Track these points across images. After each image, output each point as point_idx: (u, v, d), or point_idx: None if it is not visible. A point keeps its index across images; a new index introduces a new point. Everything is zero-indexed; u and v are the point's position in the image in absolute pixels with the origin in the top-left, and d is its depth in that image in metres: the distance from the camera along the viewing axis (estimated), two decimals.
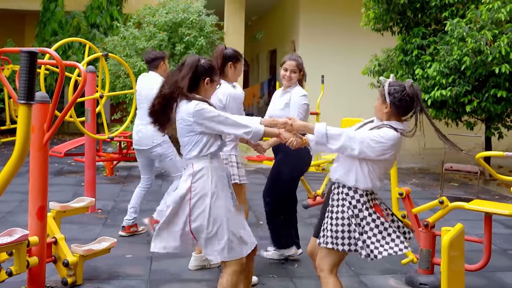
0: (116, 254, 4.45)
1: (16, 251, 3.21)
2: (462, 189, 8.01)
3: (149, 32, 10.38)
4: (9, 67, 10.88)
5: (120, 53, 10.60)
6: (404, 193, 4.04)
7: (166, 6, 10.82)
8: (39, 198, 3.40)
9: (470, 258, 4.17)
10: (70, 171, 8.73)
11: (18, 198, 6.43)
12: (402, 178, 8.72)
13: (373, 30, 9.01)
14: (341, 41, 11.49)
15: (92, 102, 5.92)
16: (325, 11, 11.51)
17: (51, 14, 13.18)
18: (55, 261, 3.78)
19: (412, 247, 4.24)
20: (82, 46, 12.75)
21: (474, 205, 3.84)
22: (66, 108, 3.54)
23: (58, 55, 3.34)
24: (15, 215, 5.79)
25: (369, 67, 9.28)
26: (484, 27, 7.22)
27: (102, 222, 5.65)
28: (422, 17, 8.55)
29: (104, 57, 5.98)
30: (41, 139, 3.36)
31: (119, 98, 10.92)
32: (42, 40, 13.15)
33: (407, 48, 8.42)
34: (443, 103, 8.22)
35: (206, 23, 10.67)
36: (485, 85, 7.79)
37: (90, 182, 6.07)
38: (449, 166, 7.32)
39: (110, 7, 13.41)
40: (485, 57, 7.13)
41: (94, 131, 6.01)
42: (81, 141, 8.71)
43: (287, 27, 12.87)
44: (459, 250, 2.90)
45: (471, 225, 5.46)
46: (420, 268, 3.95)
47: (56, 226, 3.83)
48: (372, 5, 8.66)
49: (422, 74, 7.95)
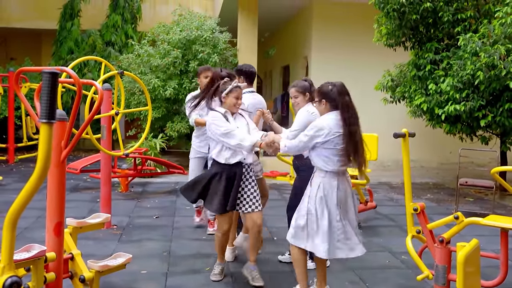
0: (131, 270, 4.48)
1: (34, 267, 3.24)
2: (477, 204, 7.93)
3: (163, 50, 10.52)
4: (26, 85, 11.07)
5: (135, 70, 10.74)
6: (419, 208, 4.03)
7: (180, 24, 10.97)
8: (57, 214, 3.44)
9: (487, 274, 4.12)
10: (85, 187, 8.81)
11: (35, 214, 6.51)
12: (417, 193, 8.66)
13: (386, 45, 9.03)
14: (354, 57, 11.53)
15: (107, 119, 6.00)
16: (337, 27, 11.57)
17: (67, 33, 13.42)
18: (72, 276, 3.81)
19: (427, 262, 4.21)
20: (97, 64, 12.94)
21: (490, 221, 3.81)
22: (83, 125, 3.60)
23: (75, 73, 3.41)
24: (32, 231, 5.85)
25: (382, 82, 9.28)
26: (497, 41, 7.21)
27: (117, 238, 5.69)
28: (435, 32, 8.56)
29: (119, 75, 6.07)
30: (59, 156, 3.41)
31: (134, 115, 11.05)
32: (58, 58, 13.37)
33: (420, 63, 8.42)
34: (457, 117, 8.18)
35: (219, 40, 10.79)
36: (499, 100, 7.75)
37: (106, 198, 6.13)
38: (464, 181, 7.27)
39: (125, 26, 13.62)
40: (499, 71, 7.10)
41: (110, 148, 6.08)
42: (96, 157, 8.80)
43: (300, 43, 12.95)
44: (475, 266, 2.89)
45: (487, 241, 5.40)
46: (435, 284, 3.91)
47: (73, 242, 3.87)
48: (384, 21, 8.70)
49: (435, 89, 7.94)
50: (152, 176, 9.78)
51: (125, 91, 10.36)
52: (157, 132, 11.24)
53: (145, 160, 9.08)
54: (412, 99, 8.48)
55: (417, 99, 8.23)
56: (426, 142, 11.05)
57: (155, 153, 9.98)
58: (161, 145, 10.33)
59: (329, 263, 4.68)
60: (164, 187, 9.00)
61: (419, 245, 4.34)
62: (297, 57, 13.12)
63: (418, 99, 8.22)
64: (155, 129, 11.29)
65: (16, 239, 4.73)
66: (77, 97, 3.32)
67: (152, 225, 6.29)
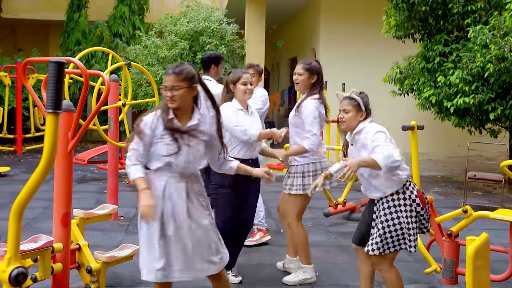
0: (138, 261, 4.47)
1: (41, 257, 3.25)
2: (486, 198, 7.88)
3: (170, 41, 10.49)
4: (34, 76, 11.10)
5: (142, 61, 10.73)
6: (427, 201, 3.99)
7: (187, 15, 10.93)
8: (64, 205, 3.44)
9: (496, 269, 4.10)
10: (93, 179, 8.83)
11: (42, 205, 6.53)
12: (425, 187, 8.62)
13: (394, 37, 8.96)
14: (362, 49, 11.45)
15: (115, 110, 5.99)
16: (345, 19, 11.49)
17: (75, 24, 13.42)
18: (79, 267, 3.82)
19: (435, 256, 4.19)
20: (105, 55, 12.94)
21: (499, 214, 3.78)
22: (90, 116, 3.59)
23: (82, 64, 3.40)
24: (39, 221, 5.87)
25: (390, 74, 9.22)
26: (508, 33, 7.13)
27: (124, 229, 5.70)
28: (444, 24, 8.48)
29: (127, 66, 6.06)
30: (66, 147, 3.41)
31: (141, 106, 11.04)
32: (66, 50, 13.38)
33: (429, 56, 8.35)
34: (466, 110, 8.12)
35: (227, 32, 10.75)
36: (509, 93, 7.68)
37: (113, 189, 6.14)
38: (472, 175, 7.22)
39: (133, 17, 13.59)
40: (509, 64, 7.03)
41: (117, 139, 6.08)
42: (104, 148, 8.82)
43: (308, 35, 12.88)
44: (484, 260, 2.86)
45: (495, 235, 5.37)
46: (443, 278, 3.89)
47: (80, 233, 3.88)
48: (393, 13, 8.62)
49: (444, 82, 7.87)
50: None
51: (132, 82, 10.34)
52: None
53: None
54: (421, 92, 8.42)
55: (426, 92, 8.17)
56: (434, 135, 10.97)
57: None
58: None
59: None
60: None
61: (427, 239, 4.31)
62: (305, 49, 13.05)
63: (426, 92, 8.15)
64: None
65: (24, 229, 4.75)
66: (84, 88, 3.31)
67: None
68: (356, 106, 3.30)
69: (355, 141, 3.34)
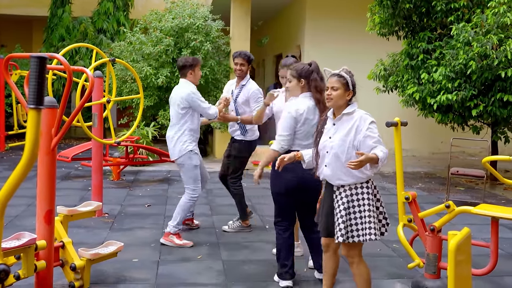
0: (123, 258, 4.47)
1: (24, 255, 3.23)
2: (468, 194, 7.98)
3: (155, 37, 10.44)
4: (17, 72, 10.97)
5: (127, 58, 10.66)
6: (411, 197, 4.04)
7: (172, 11, 10.87)
8: (47, 202, 3.42)
9: (477, 263, 4.16)
10: (77, 176, 8.77)
11: (25, 202, 6.47)
12: (408, 183, 8.70)
13: (379, 34, 9.01)
14: (347, 46, 11.50)
15: (99, 107, 5.96)
16: (330, 16, 11.53)
17: (58, 20, 13.28)
18: (63, 265, 3.80)
19: (418, 251, 4.24)
20: (89, 52, 12.83)
21: (481, 210, 3.83)
22: (74, 113, 3.57)
23: (66, 60, 3.37)
24: (22, 219, 5.82)
25: (374, 71, 9.27)
26: (490, 31, 7.21)
27: (109, 226, 5.67)
28: (428, 21, 8.55)
29: (111, 62, 6.02)
30: (49, 144, 3.38)
31: (126, 103, 10.99)
32: (49, 46, 13.24)
33: (413, 53, 8.41)
34: (449, 107, 8.20)
35: (212, 28, 10.72)
36: (491, 89, 7.77)
37: (97, 186, 6.10)
38: (455, 171, 7.30)
39: (117, 13, 13.49)
40: (491, 61, 7.12)
41: (101, 136, 6.04)
42: (88, 145, 8.76)
43: (293, 32, 12.89)
44: (466, 254, 2.90)
45: (477, 230, 5.44)
46: (426, 272, 3.94)
47: (64, 230, 3.86)
48: (377, 10, 8.67)
49: (428, 79, 7.94)
50: (144, 165, 9.75)
51: (116, 79, 10.28)
52: (149, 120, 11.19)
53: (137, 148, 9.04)
54: (405, 89, 8.48)
55: (410, 89, 8.23)
56: (418, 131, 11.07)
57: (147, 142, 9.94)
58: (153, 133, 10.29)
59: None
60: (156, 175, 8.97)
61: (410, 234, 4.35)
62: (290, 46, 13.06)
63: (410, 89, 8.22)
64: (147, 117, 11.24)
65: (6, 227, 4.70)
66: (68, 84, 3.29)
67: (144, 213, 6.28)
68: (345, 85, 3.28)
69: (341, 121, 3.31)
